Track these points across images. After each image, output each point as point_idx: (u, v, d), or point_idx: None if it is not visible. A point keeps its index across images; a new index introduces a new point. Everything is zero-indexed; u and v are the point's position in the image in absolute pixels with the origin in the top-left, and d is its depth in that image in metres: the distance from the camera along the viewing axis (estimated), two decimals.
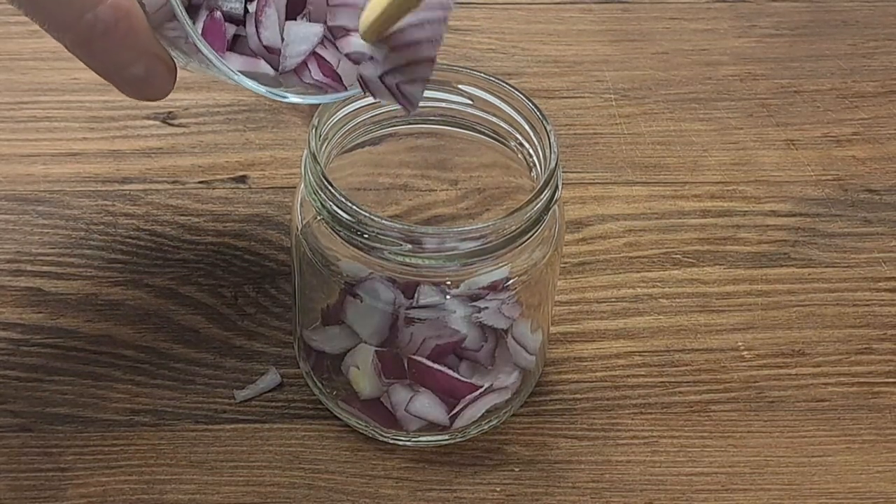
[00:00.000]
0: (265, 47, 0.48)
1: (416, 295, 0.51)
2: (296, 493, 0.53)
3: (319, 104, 0.50)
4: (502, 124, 0.54)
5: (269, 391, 0.57)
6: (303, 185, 0.51)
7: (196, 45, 0.44)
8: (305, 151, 0.50)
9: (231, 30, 0.47)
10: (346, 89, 0.49)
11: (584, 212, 0.66)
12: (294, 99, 0.48)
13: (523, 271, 0.52)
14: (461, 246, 0.48)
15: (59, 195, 0.65)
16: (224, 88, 0.71)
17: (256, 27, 0.47)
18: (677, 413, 0.57)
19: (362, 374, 0.53)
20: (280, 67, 0.48)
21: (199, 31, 0.46)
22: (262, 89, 0.47)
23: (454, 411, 0.54)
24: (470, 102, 0.55)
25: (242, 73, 0.47)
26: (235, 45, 0.48)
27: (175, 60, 0.47)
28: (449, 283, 0.51)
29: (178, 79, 0.48)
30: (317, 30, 0.48)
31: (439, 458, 0.55)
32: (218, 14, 0.47)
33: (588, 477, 0.54)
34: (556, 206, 0.51)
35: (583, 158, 0.69)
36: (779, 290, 0.63)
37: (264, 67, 0.48)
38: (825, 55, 0.77)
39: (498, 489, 0.54)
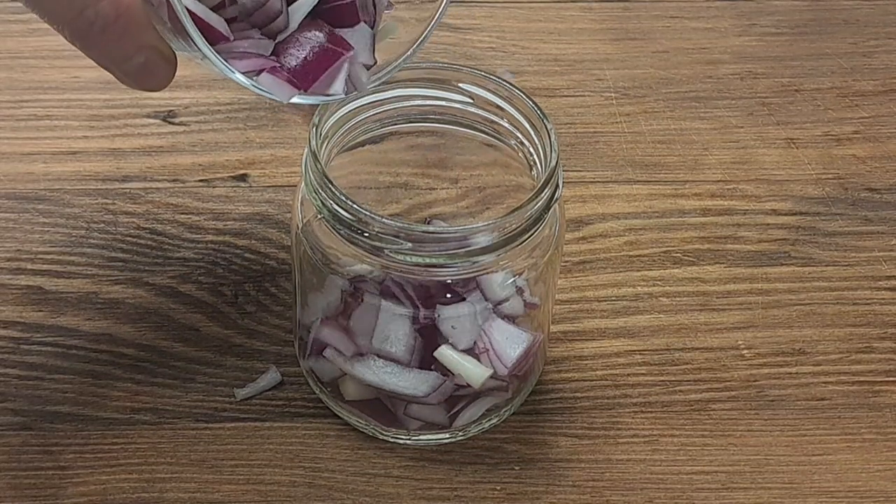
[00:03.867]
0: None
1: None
2: (296, 491, 0.53)
3: (319, 104, 0.50)
4: (503, 123, 0.54)
5: (270, 389, 0.57)
6: (303, 184, 0.51)
7: (197, 45, 0.44)
8: (306, 150, 0.50)
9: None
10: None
11: (585, 210, 0.66)
12: (296, 99, 0.47)
13: (523, 270, 0.52)
14: (461, 245, 0.48)
15: (59, 193, 0.65)
16: (225, 87, 0.71)
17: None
18: (678, 412, 0.57)
19: (348, 376, 0.53)
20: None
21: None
22: (262, 89, 0.47)
23: (453, 411, 0.54)
24: (470, 101, 0.55)
25: (245, 73, 0.46)
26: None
27: (177, 53, 0.47)
28: (450, 281, 0.51)
29: (178, 77, 0.48)
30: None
31: (440, 456, 0.55)
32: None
33: (588, 475, 0.54)
34: (556, 205, 0.51)
35: (583, 157, 0.69)
36: (779, 288, 0.63)
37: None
38: (826, 54, 0.76)
39: (498, 488, 0.54)
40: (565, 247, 0.62)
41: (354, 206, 0.48)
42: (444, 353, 0.51)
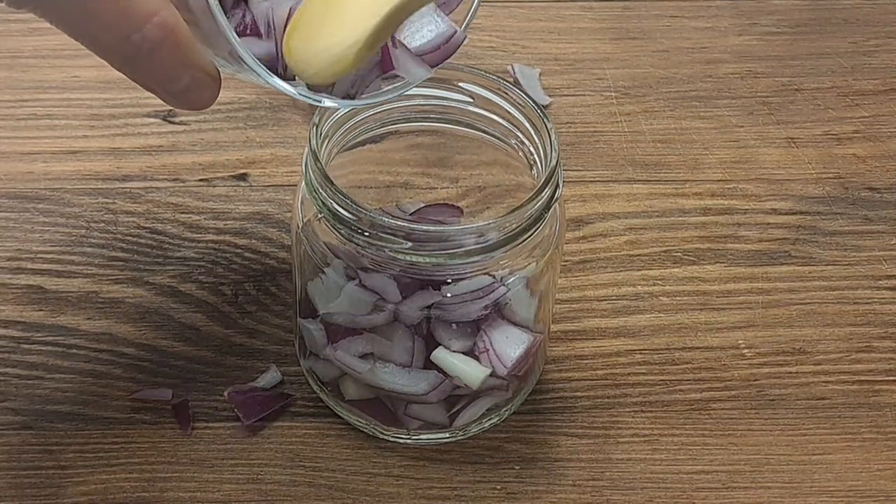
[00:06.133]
0: None
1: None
2: (296, 490, 0.53)
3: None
4: (503, 122, 0.54)
5: (270, 389, 0.57)
6: (303, 183, 0.51)
7: (243, 59, 0.43)
8: (306, 149, 0.50)
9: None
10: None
11: (585, 210, 0.66)
12: (329, 102, 0.47)
13: (523, 268, 0.52)
14: (461, 244, 0.48)
15: (59, 193, 0.65)
16: (224, 87, 0.70)
17: None
18: (678, 411, 0.57)
19: (347, 376, 0.53)
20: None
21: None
22: (299, 92, 0.46)
23: (453, 410, 0.54)
24: (470, 100, 0.55)
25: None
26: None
27: (222, 70, 0.47)
28: (450, 281, 0.51)
29: None
30: None
31: (440, 455, 0.55)
32: (249, 17, 0.46)
33: (588, 475, 0.54)
34: (556, 205, 0.51)
35: (583, 156, 0.69)
36: (779, 288, 0.63)
37: None
38: (826, 53, 0.76)
39: (498, 487, 0.54)
40: (565, 246, 0.62)
41: (354, 205, 0.48)
42: (441, 356, 0.51)
